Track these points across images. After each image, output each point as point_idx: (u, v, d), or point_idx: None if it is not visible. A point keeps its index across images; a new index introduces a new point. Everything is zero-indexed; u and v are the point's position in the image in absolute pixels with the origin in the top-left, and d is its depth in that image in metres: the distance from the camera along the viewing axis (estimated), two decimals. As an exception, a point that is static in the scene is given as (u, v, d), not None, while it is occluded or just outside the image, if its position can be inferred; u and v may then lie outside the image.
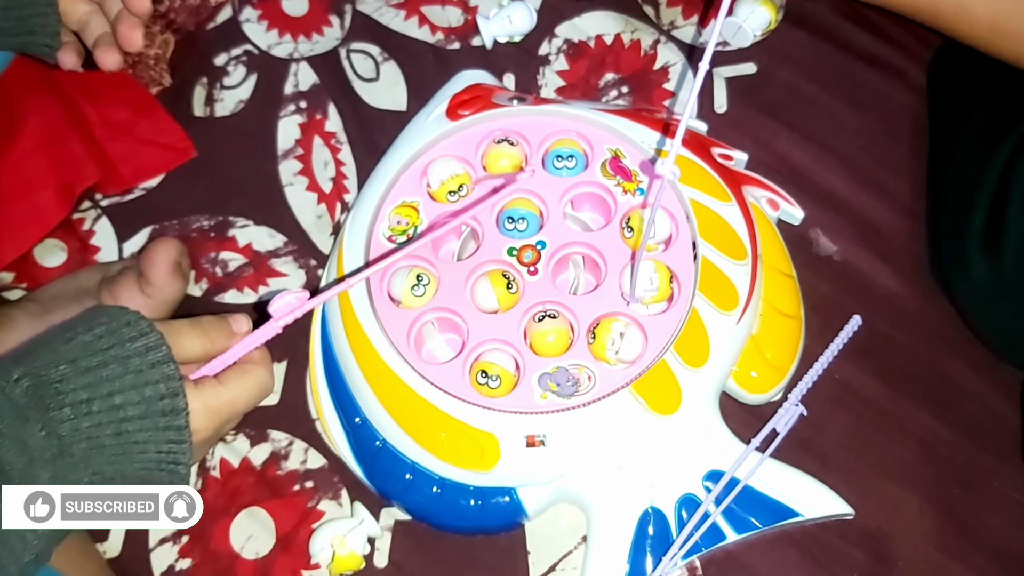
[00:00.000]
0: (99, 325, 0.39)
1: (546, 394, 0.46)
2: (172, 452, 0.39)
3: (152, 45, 0.61)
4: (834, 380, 0.51)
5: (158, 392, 0.39)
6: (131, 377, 0.38)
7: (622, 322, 0.47)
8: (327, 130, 0.59)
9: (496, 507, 0.47)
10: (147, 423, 0.38)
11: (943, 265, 0.51)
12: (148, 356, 0.39)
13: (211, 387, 0.41)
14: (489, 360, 0.47)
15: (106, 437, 0.38)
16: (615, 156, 0.51)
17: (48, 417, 0.37)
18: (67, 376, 0.38)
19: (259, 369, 0.44)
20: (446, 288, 0.49)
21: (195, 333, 0.42)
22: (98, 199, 0.58)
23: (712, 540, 0.46)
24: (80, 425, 0.37)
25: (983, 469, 0.49)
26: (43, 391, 0.37)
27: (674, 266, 0.49)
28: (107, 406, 0.38)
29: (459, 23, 0.62)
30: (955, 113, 0.54)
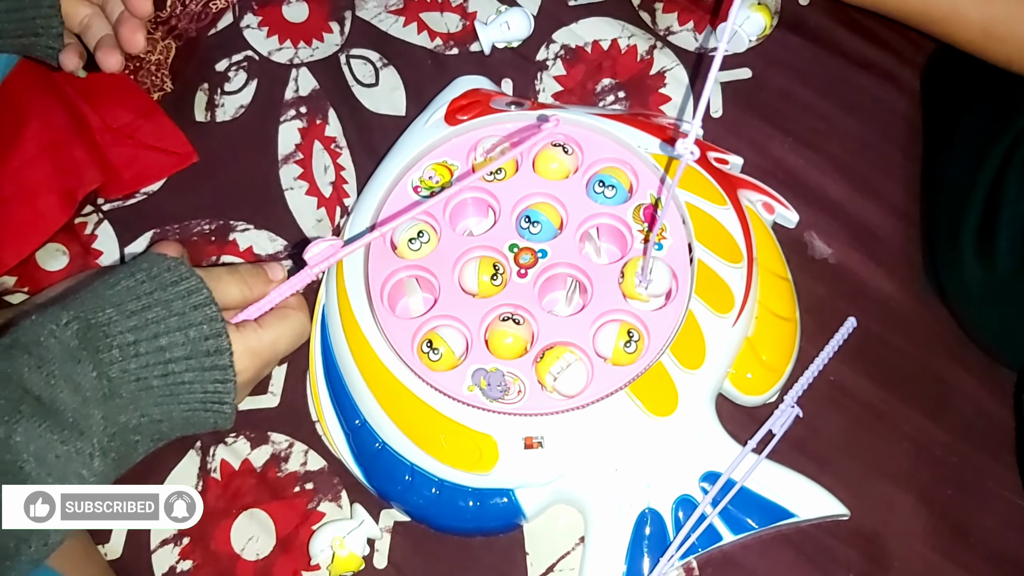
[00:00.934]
0: (140, 271, 0.40)
1: (473, 387, 0.47)
2: (217, 392, 0.40)
3: (154, 51, 0.61)
4: (829, 382, 0.51)
5: (202, 333, 0.40)
6: (175, 319, 0.39)
7: (575, 356, 0.47)
8: (327, 135, 0.60)
9: (494, 508, 0.47)
10: (192, 363, 0.39)
11: (937, 268, 0.52)
12: (190, 299, 0.40)
13: (252, 330, 0.42)
14: (439, 334, 0.48)
15: (154, 378, 0.38)
16: (653, 204, 0.50)
17: (98, 359, 0.37)
18: (113, 319, 0.38)
19: (297, 313, 0.45)
20: (439, 254, 0.50)
21: (233, 280, 0.43)
22: (100, 203, 0.58)
23: (709, 541, 0.46)
24: (128, 367, 0.38)
25: (977, 470, 0.49)
26: (92, 333, 0.38)
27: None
28: (153, 348, 0.38)
29: (457, 29, 0.62)
30: (949, 117, 0.55)
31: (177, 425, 0.40)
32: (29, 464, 0.35)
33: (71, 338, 0.37)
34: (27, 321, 0.38)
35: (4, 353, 0.37)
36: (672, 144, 0.52)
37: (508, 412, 0.46)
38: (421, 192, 0.52)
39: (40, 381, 0.36)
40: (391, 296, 0.51)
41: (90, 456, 0.37)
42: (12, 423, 0.35)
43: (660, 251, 0.49)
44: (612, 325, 0.48)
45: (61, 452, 0.36)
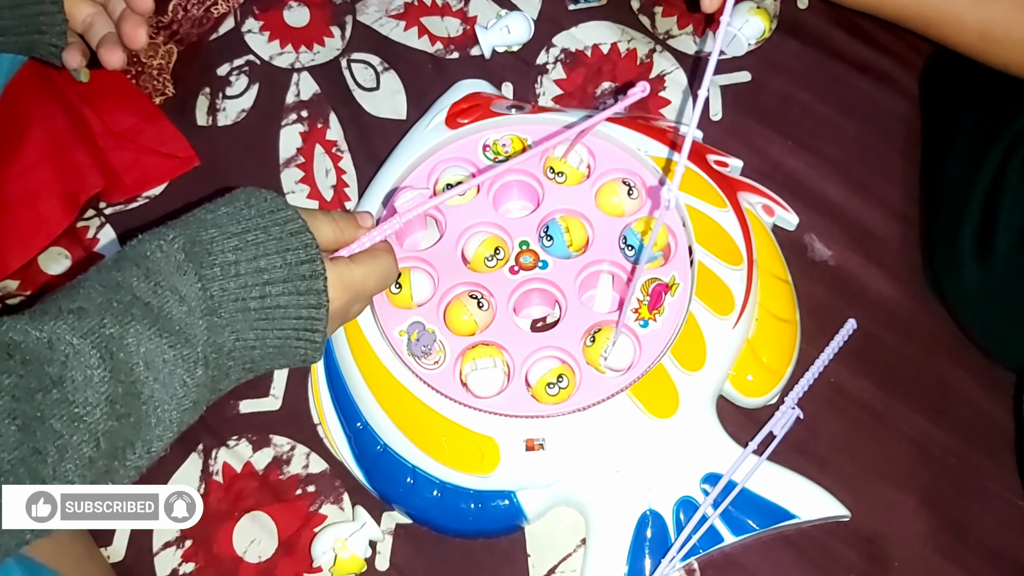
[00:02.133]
0: (239, 200, 0.41)
1: (403, 331, 0.48)
2: (311, 318, 0.41)
3: (155, 55, 0.61)
4: (829, 383, 0.51)
5: (299, 258, 0.40)
6: (273, 243, 0.40)
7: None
8: (328, 139, 0.60)
9: (496, 510, 0.47)
10: (289, 287, 0.40)
11: (936, 269, 0.52)
12: (287, 226, 0.40)
13: (344, 264, 0.43)
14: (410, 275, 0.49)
15: (251, 300, 0.39)
16: (665, 285, 0.49)
17: (202, 273, 0.38)
18: (216, 239, 0.39)
19: (387, 255, 0.45)
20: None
21: (327, 220, 0.43)
22: (102, 207, 0.58)
23: (710, 542, 0.46)
24: (227, 286, 0.38)
25: (977, 471, 0.50)
26: (197, 249, 0.39)
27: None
28: (252, 268, 0.39)
29: (458, 33, 0.63)
30: (947, 120, 0.55)
31: (269, 353, 0.41)
32: (139, 367, 0.36)
33: (178, 251, 0.38)
34: (134, 239, 0.40)
35: (114, 264, 0.38)
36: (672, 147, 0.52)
37: (509, 414, 0.46)
38: (489, 153, 0.53)
39: (148, 290, 0.37)
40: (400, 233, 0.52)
41: (194, 364, 0.37)
42: (125, 324, 0.36)
43: (645, 328, 0.48)
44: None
45: (169, 357, 0.37)
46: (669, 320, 0.48)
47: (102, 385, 0.35)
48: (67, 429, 0.34)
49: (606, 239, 0.51)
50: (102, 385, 0.35)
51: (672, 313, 0.49)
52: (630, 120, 0.55)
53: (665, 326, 0.48)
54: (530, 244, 0.51)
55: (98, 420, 0.34)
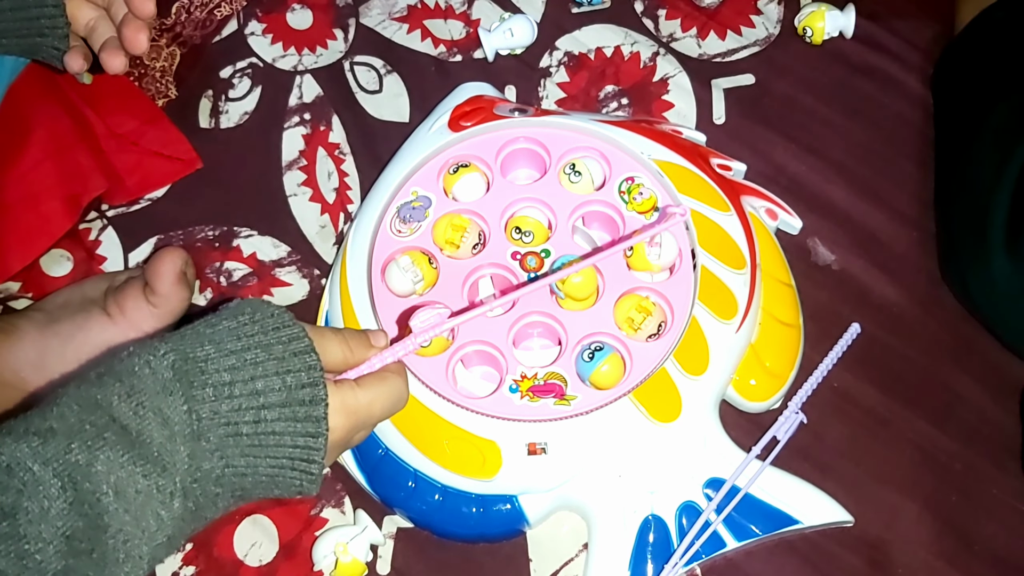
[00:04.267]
0: (243, 314, 0.39)
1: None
2: (307, 448, 0.38)
3: (158, 58, 0.61)
4: (833, 388, 0.51)
5: (299, 381, 0.37)
6: (273, 363, 0.37)
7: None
8: (331, 141, 0.60)
9: (498, 515, 0.47)
10: (286, 412, 0.37)
11: (961, 267, 0.51)
12: (291, 345, 0.38)
13: (349, 388, 0.40)
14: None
15: (244, 424, 0.36)
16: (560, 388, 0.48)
17: (191, 394, 0.36)
18: (211, 357, 0.37)
19: (397, 378, 0.42)
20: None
21: (336, 340, 0.41)
22: (104, 209, 0.58)
23: (712, 548, 0.46)
24: (219, 408, 0.36)
25: (982, 477, 0.49)
26: (188, 367, 0.36)
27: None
28: (248, 391, 0.37)
29: (461, 36, 0.63)
30: (968, 114, 0.54)
31: (260, 483, 0.38)
32: (107, 497, 0.33)
33: (166, 369, 0.36)
34: (124, 351, 0.37)
35: (97, 379, 0.36)
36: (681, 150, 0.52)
37: (512, 418, 0.46)
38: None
39: (128, 410, 0.35)
40: None
41: (170, 495, 0.34)
42: (95, 449, 0.33)
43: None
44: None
45: (142, 486, 0.34)
46: (672, 324, 0.48)
47: (59, 519, 0.31)
48: (12, 568, 0.30)
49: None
50: (59, 519, 0.31)
51: (675, 317, 0.48)
52: (633, 123, 0.55)
53: (668, 330, 0.48)
54: (520, 252, 0.50)
55: (51, 558, 0.31)
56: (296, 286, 0.56)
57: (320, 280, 0.56)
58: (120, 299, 0.51)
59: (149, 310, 0.51)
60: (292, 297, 0.56)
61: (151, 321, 0.51)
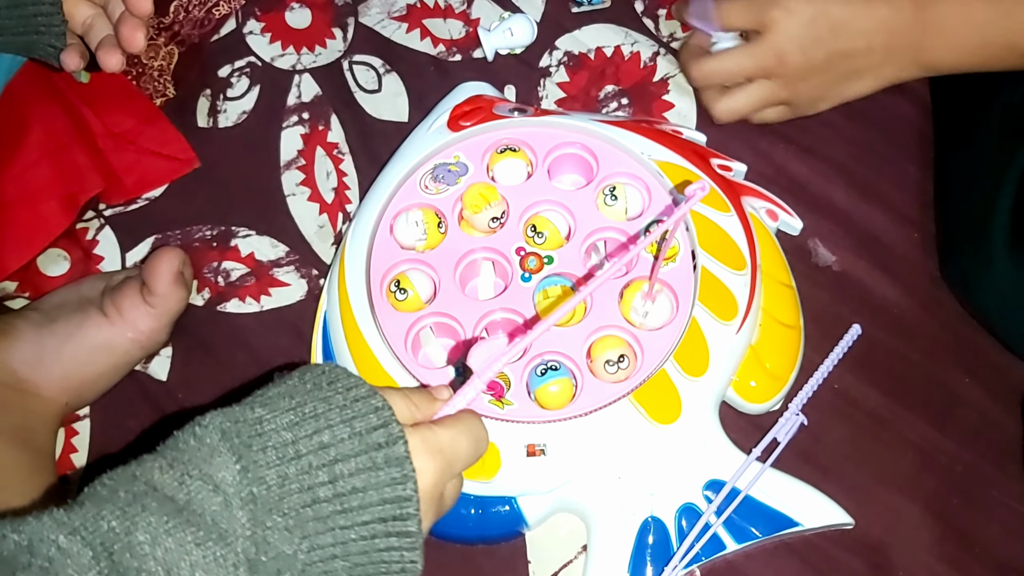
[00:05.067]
0: (291, 377, 0.35)
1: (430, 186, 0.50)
2: (398, 499, 0.32)
3: (156, 57, 0.61)
4: (833, 390, 0.51)
5: (369, 424, 0.32)
6: (336, 412, 0.33)
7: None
8: (329, 141, 0.60)
9: (496, 516, 0.47)
10: (363, 461, 0.32)
11: (963, 268, 0.51)
12: (350, 393, 0.34)
13: (426, 428, 0.35)
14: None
15: (320, 488, 0.31)
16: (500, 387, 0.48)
17: (250, 458, 0.31)
18: (265, 417, 0.32)
19: (474, 418, 0.37)
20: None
21: (398, 396, 0.36)
22: (101, 209, 0.58)
23: (712, 550, 0.46)
24: (287, 471, 0.31)
25: (983, 479, 0.49)
26: (240, 429, 0.31)
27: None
28: (315, 445, 0.31)
29: (460, 35, 0.62)
30: (967, 117, 0.54)
31: (355, 565, 0.32)
32: (156, 573, 0.28)
33: (212, 432, 0.31)
34: (169, 436, 0.33)
35: (135, 460, 0.31)
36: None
37: (511, 419, 0.46)
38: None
39: (172, 481, 0.30)
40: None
41: (234, 567, 0.29)
42: (132, 516, 0.28)
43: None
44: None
45: (197, 558, 0.28)
46: (672, 325, 0.48)
47: None
48: None
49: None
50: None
51: (675, 318, 0.48)
52: (633, 123, 0.55)
53: (668, 331, 0.48)
54: (525, 249, 0.50)
55: None
56: (294, 286, 0.56)
57: (318, 280, 0.56)
58: (117, 299, 0.50)
59: (146, 310, 0.51)
60: (290, 297, 0.55)
61: (148, 321, 0.51)
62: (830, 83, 0.54)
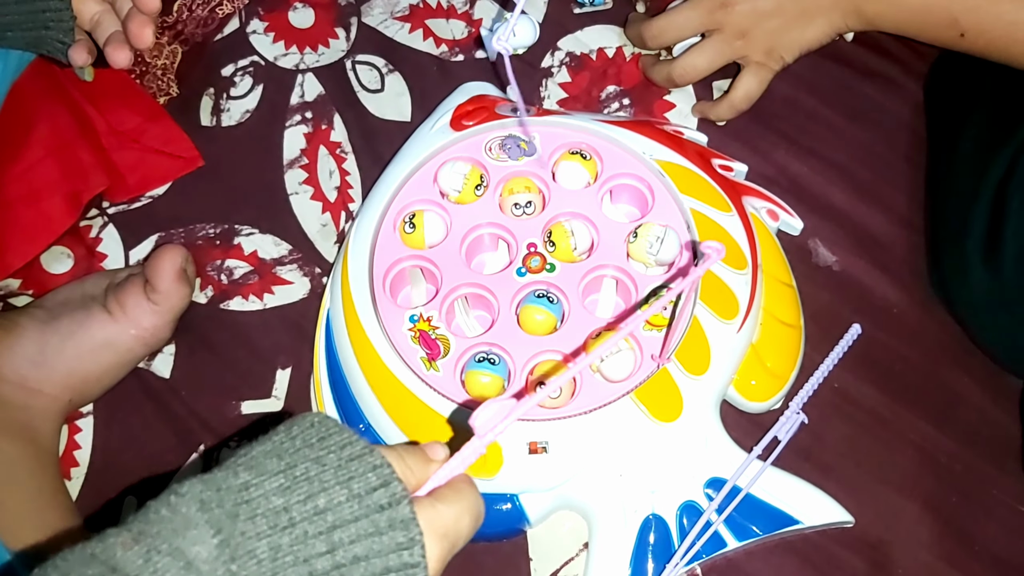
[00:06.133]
0: (278, 433, 0.32)
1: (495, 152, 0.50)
2: (405, 566, 0.29)
3: (160, 55, 0.61)
4: (833, 389, 0.51)
5: (368, 483, 0.30)
6: (331, 473, 0.30)
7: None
8: (332, 140, 0.60)
9: (498, 514, 0.47)
10: (364, 525, 0.29)
11: (942, 275, 0.52)
12: (344, 451, 0.31)
13: (429, 505, 0.32)
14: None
15: (316, 559, 0.28)
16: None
17: (234, 530, 0.28)
18: (252, 482, 0.29)
19: (471, 489, 0.35)
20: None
21: (391, 455, 0.33)
22: (105, 207, 0.58)
23: (713, 547, 0.46)
24: (280, 543, 0.28)
25: (982, 478, 0.49)
26: (224, 498, 0.28)
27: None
28: (309, 511, 0.29)
29: (463, 36, 0.63)
30: (952, 125, 0.55)
31: None
32: None
33: (189, 502, 0.28)
34: (143, 507, 0.29)
35: (98, 535, 0.28)
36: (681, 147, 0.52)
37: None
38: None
39: (136, 558, 0.27)
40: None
41: None
42: None
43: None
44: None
45: None
46: (673, 324, 0.48)
47: None
48: None
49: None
50: None
51: (677, 316, 0.48)
52: (635, 123, 0.55)
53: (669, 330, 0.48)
54: (538, 247, 0.50)
55: None
56: (297, 284, 0.56)
57: (321, 279, 0.56)
58: (120, 296, 0.51)
59: (149, 307, 0.51)
60: (293, 295, 0.56)
61: (151, 318, 0.51)
62: (782, 29, 0.54)
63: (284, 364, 0.54)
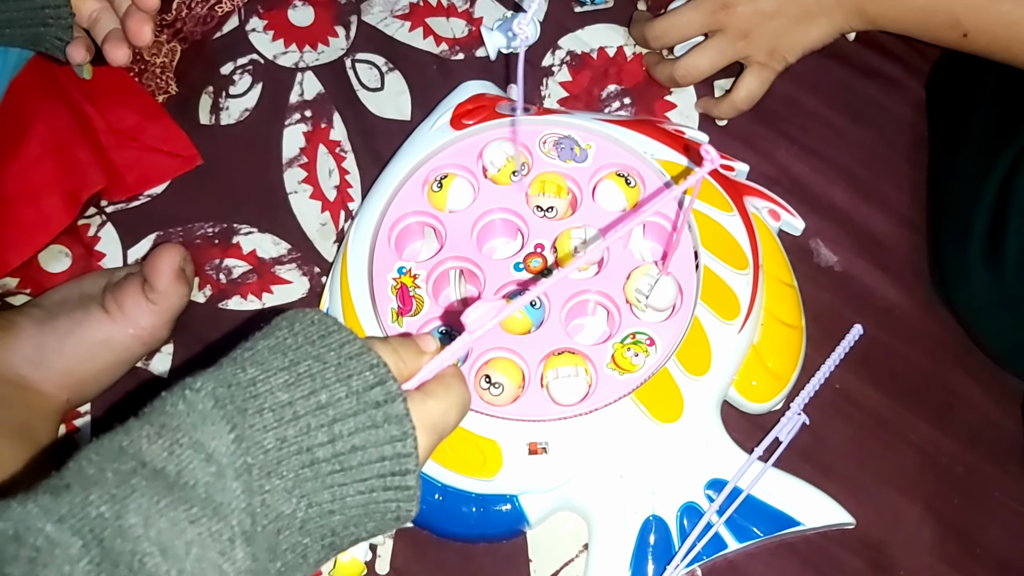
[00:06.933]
0: (280, 329, 0.34)
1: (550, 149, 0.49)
2: (397, 456, 0.32)
3: (159, 54, 0.61)
4: (835, 390, 0.51)
5: (366, 382, 0.32)
6: (332, 371, 0.32)
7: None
8: (332, 139, 0.60)
9: (498, 515, 0.47)
10: (362, 420, 0.32)
11: (944, 276, 0.52)
12: (343, 350, 0.33)
13: (420, 400, 0.35)
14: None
15: (319, 448, 0.31)
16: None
17: (245, 424, 0.30)
18: (258, 379, 0.32)
19: (459, 382, 0.37)
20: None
21: (385, 347, 0.35)
22: (103, 205, 0.58)
23: (714, 549, 0.46)
24: (286, 434, 0.31)
25: (983, 479, 0.49)
26: (235, 394, 0.31)
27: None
28: (312, 406, 0.31)
29: (463, 34, 0.62)
30: (954, 125, 0.55)
31: (352, 517, 0.32)
32: (152, 557, 0.27)
33: (205, 399, 0.30)
34: (157, 397, 0.32)
35: (122, 427, 0.31)
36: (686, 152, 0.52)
37: (513, 417, 0.46)
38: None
39: (161, 451, 0.29)
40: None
41: (230, 542, 0.28)
42: (123, 498, 0.28)
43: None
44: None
45: (192, 536, 0.28)
46: (674, 324, 0.48)
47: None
48: None
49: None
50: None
51: (677, 317, 0.48)
52: (636, 123, 0.55)
53: (670, 330, 0.48)
54: (544, 249, 0.50)
55: None
56: (296, 284, 0.56)
57: (320, 278, 0.56)
58: (119, 296, 0.50)
59: (148, 307, 0.51)
60: (292, 295, 0.55)
61: (149, 317, 0.51)
62: (784, 29, 0.54)
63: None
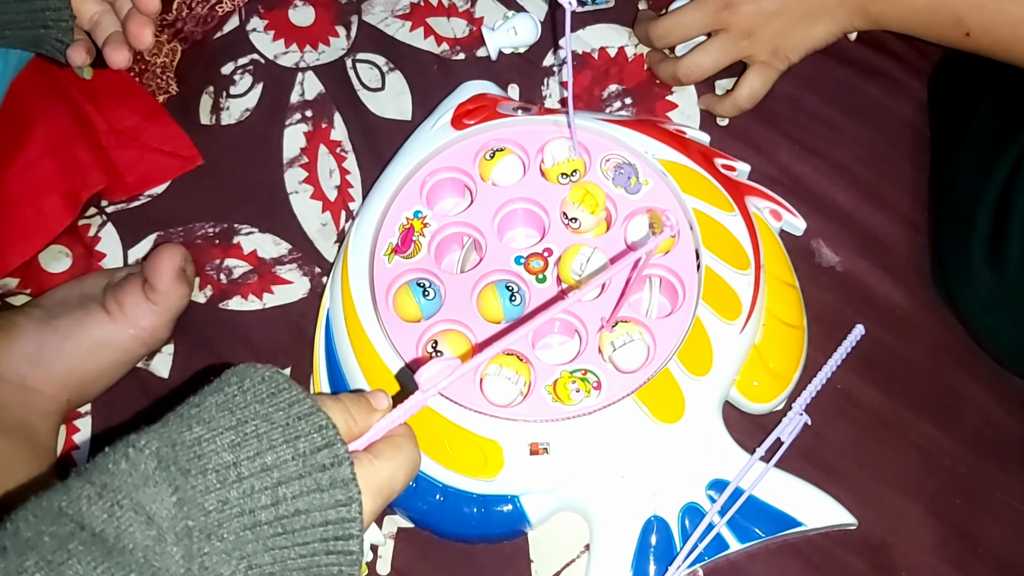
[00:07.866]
0: (230, 385, 0.34)
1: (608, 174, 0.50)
2: (341, 520, 0.32)
3: (159, 54, 0.61)
4: (836, 390, 0.51)
5: (313, 444, 0.32)
6: (279, 431, 0.32)
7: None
8: (332, 139, 0.59)
9: (499, 515, 0.47)
10: (307, 483, 0.32)
11: (946, 276, 0.51)
12: (292, 410, 0.33)
13: (367, 462, 0.34)
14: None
15: (261, 510, 0.31)
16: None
17: (187, 486, 0.30)
18: (204, 437, 0.31)
19: (410, 443, 0.37)
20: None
21: (336, 407, 0.35)
22: (103, 206, 0.58)
23: (715, 549, 0.46)
24: (228, 496, 0.30)
25: (985, 479, 0.49)
26: (179, 454, 0.31)
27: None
28: (257, 467, 0.31)
29: (464, 34, 0.62)
30: (956, 125, 0.55)
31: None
32: None
33: (148, 458, 0.30)
34: (100, 453, 0.31)
35: (62, 486, 0.30)
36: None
37: (514, 418, 0.46)
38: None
39: (100, 513, 0.29)
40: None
41: None
42: (58, 564, 0.27)
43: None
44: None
45: None
46: (676, 324, 0.48)
47: None
48: None
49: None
50: None
51: (679, 317, 0.48)
52: (637, 123, 0.54)
53: (672, 330, 0.48)
54: (523, 256, 0.50)
55: None
56: (297, 284, 0.56)
57: (321, 278, 0.56)
58: (119, 296, 0.50)
59: (148, 307, 0.51)
60: (292, 295, 0.55)
61: (150, 318, 0.51)
62: (787, 29, 0.54)
63: (284, 364, 0.53)
